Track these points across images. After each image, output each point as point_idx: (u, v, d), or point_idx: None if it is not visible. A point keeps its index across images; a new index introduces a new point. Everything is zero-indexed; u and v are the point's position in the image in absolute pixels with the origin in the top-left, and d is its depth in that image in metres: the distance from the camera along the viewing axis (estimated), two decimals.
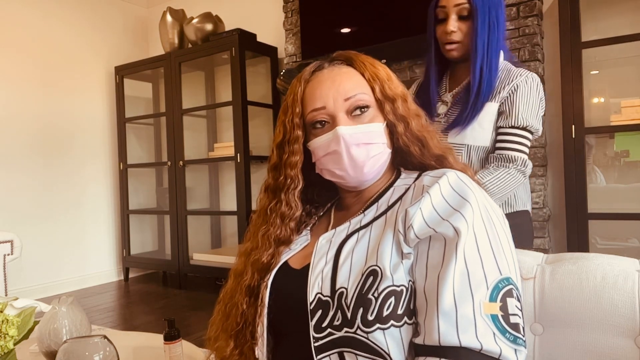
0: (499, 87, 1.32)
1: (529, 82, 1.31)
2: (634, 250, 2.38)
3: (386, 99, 0.78)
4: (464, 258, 0.63)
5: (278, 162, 0.82)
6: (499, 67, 1.34)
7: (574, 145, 2.31)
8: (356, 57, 0.81)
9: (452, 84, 1.42)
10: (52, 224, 3.78)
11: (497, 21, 1.30)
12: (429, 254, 0.66)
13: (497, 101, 1.32)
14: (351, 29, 3.16)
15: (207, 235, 4.20)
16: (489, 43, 1.30)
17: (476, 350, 0.59)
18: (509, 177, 1.29)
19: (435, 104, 1.40)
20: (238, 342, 0.80)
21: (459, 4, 1.29)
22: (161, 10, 4.17)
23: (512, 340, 0.60)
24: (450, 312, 0.61)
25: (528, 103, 1.31)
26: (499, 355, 0.59)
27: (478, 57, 1.29)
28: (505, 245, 0.66)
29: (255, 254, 0.82)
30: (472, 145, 1.34)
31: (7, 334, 0.85)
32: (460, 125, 1.31)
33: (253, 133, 3.61)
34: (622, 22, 2.44)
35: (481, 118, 1.31)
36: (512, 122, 1.30)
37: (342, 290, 0.67)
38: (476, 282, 0.62)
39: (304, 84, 0.81)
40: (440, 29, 1.35)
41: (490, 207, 0.69)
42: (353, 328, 0.65)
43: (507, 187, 1.29)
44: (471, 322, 0.60)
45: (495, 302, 0.61)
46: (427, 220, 0.67)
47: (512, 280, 0.64)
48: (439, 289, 0.62)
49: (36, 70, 3.71)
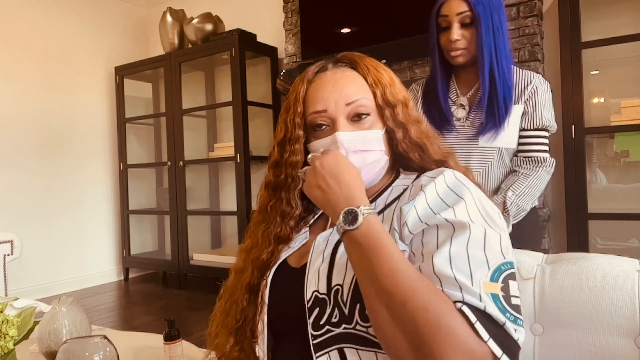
0: (517, 88, 1.35)
1: (543, 83, 1.36)
2: (634, 250, 2.38)
3: (387, 105, 0.78)
4: (462, 241, 0.61)
5: (279, 159, 0.83)
6: (512, 68, 1.35)
7: (574, 145, 2.31)
8: (360, 60, 0.81)
9: (462, 88, 1.44)
10: (52, 224, 3.78)
11: (500, 25, 1.32)
12: (422, 241, 0.65)
13: (522, 103, 1.35)
14: (351, 29, 3.16)
15: (207, 236, 4.20)
16: (496, 47, 1.31)
17: (480, 308, 0.56)
18: (539, 181, 1.34)
19: (448, 109, 1.41)
20: (238, 339, 0.80)
21: (461, 13, 1.31)
22: (161, 10, 4.17)
23: (512, 321, 0.56)
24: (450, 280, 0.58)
25: (546, 104, 1.36)
26: (504, 324, 0.55)
27: (485, 62, 1.31)
28: (505, 241, 0.65)
29: (256, 251, 0.82)
30: (504, 149, 1.36)
31: (7, 334, 0.85)
32: (494, 129, 1.33)
33: (253, 133, 3.60)
34: (622, 22, 2.44)
35: (510, 120, 1.34)
36: (536, 124, 1.34)
37: (338, 287, 0.67)
38: (476, 263, 0.59)
39: (306, 83, 0.81)
40: (444, 38, 1.36)
41: (488, 205, 0.69)
42: (352, 324, 0.65)
43: (537, 192, 1.34)
44: (475, 292, 0.56)
45: (496, 283, 0.58)
46: (421, 217, 0.67)
47: (515, 265, 0.63)
48: (435, 264, 0.60)
49: (36, 70, 3.71)
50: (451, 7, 1.32)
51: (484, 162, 1.37)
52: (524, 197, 1.32)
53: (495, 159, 1.36)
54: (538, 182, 1.33)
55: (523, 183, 1.32)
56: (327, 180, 0.68)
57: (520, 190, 1.32)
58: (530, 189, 1.32)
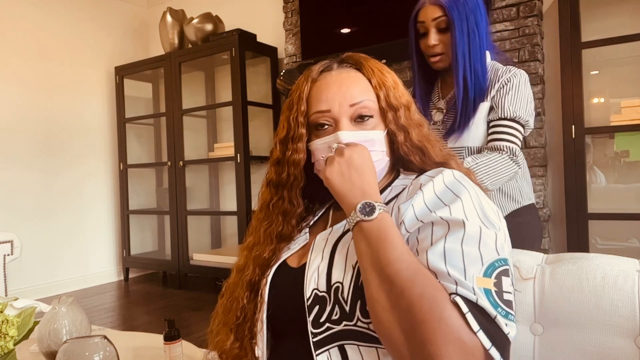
0: (489, 87, 1.36)
1: (517, 76, 1.34)
2: (634, 250, 2.38)
3: (390, 108, 0.79)
4: (459, 238, 0.62)
5: (281, 157, 0.83)
6: (487, 69, 1.36)
7: (574, 145, 2.31)
8: (366, 61, 0.82)
9: (444, 91, 1.46)
10: (52, 224, 3.78)
11: (476, 27, 1.32)
12: (418, 238, 0.66)
13: (489, 100, 1.35)
14: (351, 29, 3.16)
15: (207, 236, 4.20)
16: (470, 50, 1.32)
17: (472, 300, 0.57)
18: (503, 161, 1.30)
19: (427, 114, 1.44)
20: (238, 336, 0.81)
21: (437, 18, 1.33)
22: (161, 10, 4.17)
23: (503, 315, 0.57)
24: (444, 274, 0.59)
25: (515, 96, 1.33)
26: (495, 318, 0.56)
27: (459, 67, 1.32)
28: (501, 239, 0.65)
29: (257, 249, 0.83)
30: (472, 147, 1.37)
31: (7, 334, 0.85)
32: (457, 132, 1.35)
33: (253, 133, 3.61)
34: (622, 22, 2.44)
35: (476, 119, 1.35)
36: (500, 114, 1.33)
37: (338, 285, 0.68)
38: (470, 259, 0.60)
39: (310, 82, 0.81)
40: (423, 43, 1.38)
41: (487, 204, 0.69)
42: (353, 320, 0.65)
43: (500, 171, 1.30)
44: (468, 286, 0.57)
45: (489, 278, 0.59)
46: (418, 215, 0.67)
47: (509, 262, 0.63)
48: (429, 260, 0.61)
49: (36, 70, 3.71)
50: (427, 13, 1.34)
51: None
52: (483, 167, 1.28)
53: (465, 158, 1.36)
54: (501, 160, 1.29)
55: (484, 155, 1.30)
56: (350, 170, 0.70)
57: (480, 160, 1.29)
58: (490, 162, 1.28)
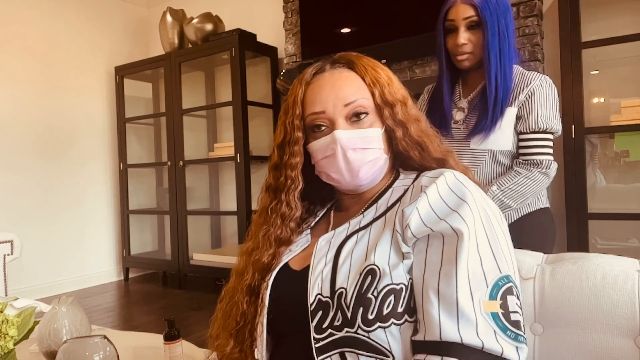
0: (515, 91, 1.35)
1: (544, 85, 1.34)
2: (634, 250, 2.38)
3: (385, 105, 0.78)
4: (465, 258, 0.63)
5: (279, 162, 0.83)
6: (513, 72, 1.35)
7: (574, 145, 2.31)
8: (358, 60, 0.81)
9: (465, 91, 1.45)
10: (52, 224, 3.78)
11: (506, 29, 1.32)
12: (427, 252, 0.66)
13: (516, 105, 1.34)
14: (351, 29, 3.16)
15: (207, 236, 4.20)
16: (500, 51, 1.32)
17: (477, 348, 0.59)
18: (530, 181, 1.32)
19: (449, 112, 1.42)
20: (238, 341, 0.81)
21: (468, 17, 1.31)
22: (161, 10, 4.17)
23: (513, 338, 0.60)
24: (451, 310, 0.61)
25: (545, 106, 1.34)
26: (501, 354, 0.59)
27: (492, 66, 1.31)
28: (503, 244, 0.66)
29: (256, 253, 0.82)
30: (496, 150, 1.36)
31: (7, 334, 0.85)
32: (484, 131, 1.34)
33: (253, 133, 3.60)
34: (622, 22, 2.44)
35: (502, 123, 1.34)
36: (532, 127, 1.33)
37: (342, 290, 0.67)
38: (476, 281, 0.62)
39: (304, 85, 0.81)
40: (450, 41, 1.36)
41: (488, 206, 0.69)
42: (354, 328, 0.65)
43: (526, 192, 1.32)
44: (472, 320, 0.60)
45: (495, 300, 0.61)
46: (424, 220, 0.67)
47: (511, 278, 0.64)
48: (440, 287, 0.62)
49: (36, 70, 3.71)
50: (458, 12, 1.32)
51: (475, 164, 1.38)
52: (509, 193, 1.30)
53: (486, 161, 1.36)
54: (528, 181, 1.31)
55: (511, 180, 1.31)
56: None
57: (506, 186, 1.31)
58: (518, 186, 1.31)
